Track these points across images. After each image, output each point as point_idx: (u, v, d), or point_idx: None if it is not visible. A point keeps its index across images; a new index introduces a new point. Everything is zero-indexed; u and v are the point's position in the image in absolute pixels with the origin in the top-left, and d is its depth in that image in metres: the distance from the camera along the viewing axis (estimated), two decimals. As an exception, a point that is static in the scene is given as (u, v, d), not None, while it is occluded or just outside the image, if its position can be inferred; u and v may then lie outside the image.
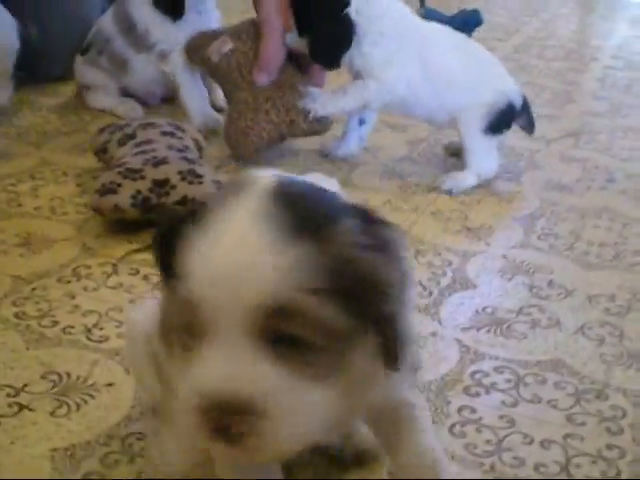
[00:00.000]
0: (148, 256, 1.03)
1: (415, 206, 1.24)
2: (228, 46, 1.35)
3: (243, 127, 1.28)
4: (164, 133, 1.20)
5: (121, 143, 1.19)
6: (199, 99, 1.45)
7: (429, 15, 2.26)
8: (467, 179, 1.30)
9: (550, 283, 1.05)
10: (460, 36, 1.34)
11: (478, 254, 1.11)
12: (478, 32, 2.29)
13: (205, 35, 1.39)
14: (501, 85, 1.31)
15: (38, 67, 1.68)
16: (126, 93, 1.57)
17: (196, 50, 1.39)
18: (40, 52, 1.64)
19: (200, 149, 1.24)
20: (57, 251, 1.05)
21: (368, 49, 1.26)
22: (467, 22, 2.27)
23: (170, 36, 1.47)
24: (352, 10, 1.24)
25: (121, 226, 1.10)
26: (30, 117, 1.51)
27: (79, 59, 1.54)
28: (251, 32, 1.35)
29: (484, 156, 1.32)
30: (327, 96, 1.30)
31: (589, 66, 2.18)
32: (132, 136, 1.19)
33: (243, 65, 1.33)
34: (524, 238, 1.17)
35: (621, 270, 1.09)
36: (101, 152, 1.22)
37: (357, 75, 1.29)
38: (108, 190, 1.06)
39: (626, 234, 1.19)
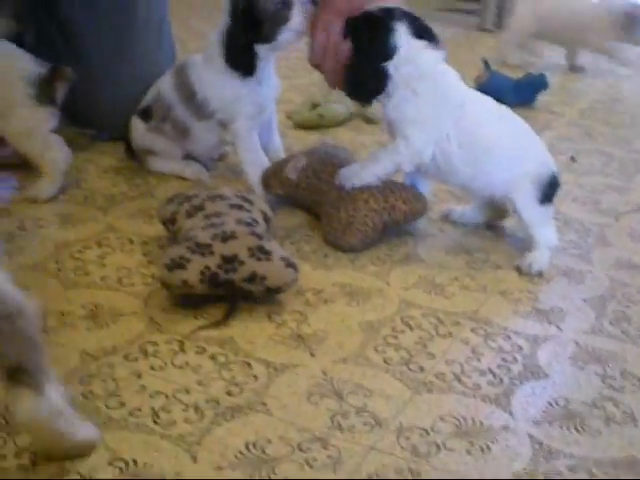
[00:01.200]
0: (215, 333, 1.02)
1: (484, 285, 1.22)
2: (303, 161, 1.36)
3: (345, 218, 1.28)
4: (232, 206, 1.20)
5: (189, 215, 1.19)
6: (260, 168, 1.45)
7: (494, 78, 2.26)
8: (543, 255, 1.28)
9: (624, 373, 1.02)
10: (501, 107, 1.32)
11: (549, 339, 1.09)
12: (543, 95, 2.28)
13: (279, 161, 1.44)
14: (543, 156, 1.31)
15: (107, 126, 1.69)
16: (189, 156, 1.57)
17: (273, 177, 1.41)
18: (109, 111, 1.66)
19: (267, 221, 1.24)
20: (124, 325, 1.05)
21: (399, 103, 1.26)
22: (533, 86, 2.26)
23: (229, 105, 1.47)
24: (392, 65, 1.24)
25: (188, 300, 1.09)
26: (96, 180, 1.52)
27: (140, 125, 1.54)
28: (321, 149, 1.42)
29: (548, 226, 1.31)
30: (359, 166, 1.31)
31: (659, 133, 2.15)
32: (200, 208, 1.19)
33: (321, 171, 1.37)
34: (595, 322, 1.14)
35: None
36: (169, 222, 1.22)
37: (389, 125, 1.30)
38: (177, 265, 1.06)
39: (702, 321, 1.16)
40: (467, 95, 1.29)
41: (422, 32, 1.24)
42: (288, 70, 2.52)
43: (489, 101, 1.32)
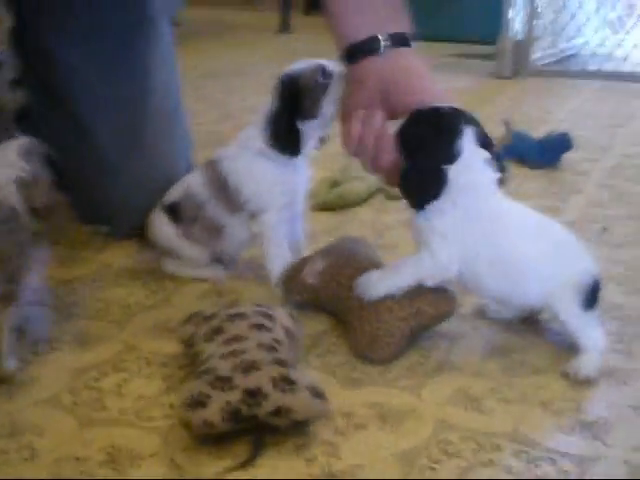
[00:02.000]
0: (242, 476, 0.96)
1: (523, 394, 1.15)
2: (320, 264, 1.31)
3: (369, 330, 1.22)
4: (253, 326, 1.14)
5: (208, 338, 1.13)
6: (283, 265, 1.39)
7: (517, 139, 2.20)
8: (592, 359, 1.20)
9: (682, 499, 0.95)
10: (537, 218, 1.26)
11: (597, 460, 1.02)
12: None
13: (296, 264, 1.38)
14: (582, 264, 1.23)
15: (121, 222, 1.65)
16: (212, 256, 1.51)
17: (292, 281, 1.36)
18: (123, 206, 1.61)
19: (291, 336, 1.18)
20: (144, 470, 0.99)
21: (434, 213, 1.19)
22: (557, 146, 2.20)
23: (262, 194, 1.42)
24: (453, 170, 1.17)
25: (210, 436, 1.03)
26: (111, 286, 1.47)
27: (168, 225, 1.48)
28: (339, 247, 1.36)
29: (594, 331, 1.23)
30: (378, 276, 1.24)
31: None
32: (219, 330, 1.14)
33: (339, 274, 1.31)
34: (647, 435, 1.06)
35: None
36: (188, 346, 1.17)
37: (415, 232, 1.23)
38: (196, 403, 1.00)
39: None
40: (505, 211, 1.22)
41: (485, 141, 1.18)
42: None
43: (526, 213, 1.26)
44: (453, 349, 1.27)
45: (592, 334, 1.22)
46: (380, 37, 1.26)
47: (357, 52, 1.27)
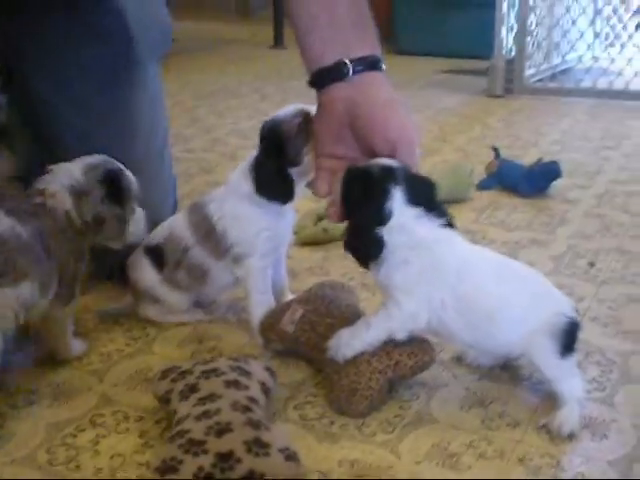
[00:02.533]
0: None
1: (500, 450, 1.14)
2: (299, 313, 1.31)
3: (347, 384, 1.21)
4: (228, 384, 1.13)
5: (183, 396, 1.13)
6: (265, 310, 1.39)
7: (506, 167, 2.20)
8: (573, 413, 1.19)
9: None
10: (500, 260, 1.26)
11: (576, 523, 1.01)
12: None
13: (274, 312, 1.37)
14: (555, 306, 1.21)
15: (105, 265, 1.64)
16: (192, 301, 1.51)
17: (270, 330, 1.36)
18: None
19: (267, 392, 1.17)
20: (116, 538, 0.98)
21: (389, 271, 1.19)
22: (546, 174, 2.20)
23: (249, 238, 1.41)
24: (387, 230, 1.16)
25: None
26: (93, 333, 1.46)
27: (150, 271, 1.47)
28: (318, 294, 1.35)
29: (573, 379, 1.22)
30: (349, 334, 1.23)
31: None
32: (194, 388, 1.13)
33: (318, 324, 1.31)
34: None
35: None
36: (163, 402, 1.17)
37: (381, 288, 1.24)
38: (169, 468, 0.99)
39: None
40: (465, 259, 1.21)
41: (420, 198, 1.17)
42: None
43: (491, 259, 1.25)
44: (432, 399, 1.27)
45: (571, 383, 1.21)
46: (347, 62, 1.22)
47: (324, 77, 1.23)
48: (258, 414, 1.09)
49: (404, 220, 1.16)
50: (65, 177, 1.31)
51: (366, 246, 1.18)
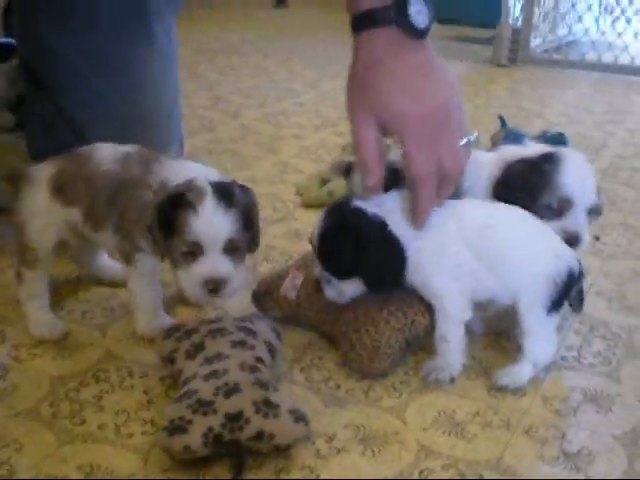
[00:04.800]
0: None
1: (507, 420, 1.14)
2: (300, 278, 1.28)
3: (369, 342, 1.20)
4: (234, 344, 1.12)
5: (189, 355, 1.12)
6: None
7: (511, 137, 2.17)
8: (523, 372, 1.20)
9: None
10: (508, 209, 1.25)
11: (581, 495, 1.01)
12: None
13: (269, 279, 1.35)
14: (557, 250, 1.20)
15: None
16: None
17: (268, 297, 1.34)
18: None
19: (273, 352, 1.16)
20: (122, 494, 0.97)
21: (417, 279, 1.23)
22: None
23: None
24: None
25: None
26: (95, 286, 1.45)
27: None
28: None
29: (543, 339, 1.21)
30: (441, 360, 1.23)
31: (685, 196, 2.06)
32: (200, 347, 1.12)
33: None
34: (628, 468, 1.05)
35: None
36: (168, 361, 1.15)
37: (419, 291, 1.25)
38: (177, 428, 0.99)
39: None
40: (468, 215, 1.22)
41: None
42: (298, 129, 2.46)
43: (498, 209, 1.25)
44: (438, 367, 1.26)
45: (539, 344, 1.21)
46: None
47: (361, 23, 1.16)
48: (266, 374, 1.09)
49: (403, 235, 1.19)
50: None
51: (389, 276, 1.21)
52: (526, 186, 1.28)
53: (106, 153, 1.25)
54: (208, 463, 1.02)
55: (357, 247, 1.17)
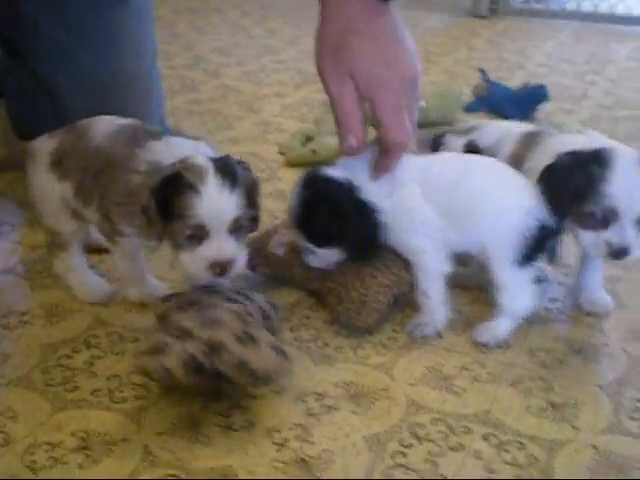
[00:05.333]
0: (215, 463, 0.97)
1: (494, 373, 1.16)
2: (287, 236, 1.29)
3: (357, 297, 1.21)
4: (229, 300, 1.12)
5: (182, 309, 1.11)
6: None
7: (493, 89, 2.18)
8: (501, 327, 1.22)
9: (647, 485, 0.96)
10: (479, 159, 1.27)
11: (566, 444, 1.03)
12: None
13: (258, 238, 1.35)
14: (528, 205, 1.18)
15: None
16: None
17: (257, 255, 1.34)
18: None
19: (267, 318, 1.17)
20: (118, 459, 0.99)
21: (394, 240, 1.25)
22: (532, 98, 2.18)
23: None
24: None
25: (183, 419, 1.04)
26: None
27: None
28: None
29: (517, 293, 1.21)
30: (425, 315, 1.25)
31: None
32: (194, 302, 1.12)
33: None
34: (613, 417, 1.08)
35: None
36: (162, 319, 1.16)
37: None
38: (155, 349, 1.00)
39: None
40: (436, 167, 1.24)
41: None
42: (279, 87, 2.45)
43: (469, 160, 1.26)
44: (425, 322, 1.27)
45: (516, 297, 1.21)
46: None
47: None
48: (254, 322, 1.09)
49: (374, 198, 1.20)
50: None
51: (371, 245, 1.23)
52: (569, 188, 1.18)
53: (100, 127, 1.23)
54: (201, 426, 1.04)
55: (333, 217, 1.18)
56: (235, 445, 1.01)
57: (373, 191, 1.20)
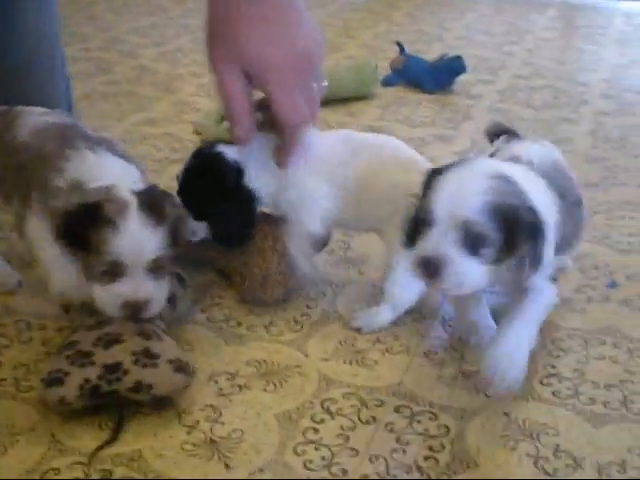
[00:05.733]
0: (122, 449, 0.95)
1: (407, 345, 1.16)
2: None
3: (259, 273, 1.20)
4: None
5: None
6: None
7: (410, 62, 2.18)
8: (380, 314, 1.19)
9: (556, 450, 0.97)
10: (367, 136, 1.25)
11: (479, 413, 1.03)
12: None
13: None
14: (412, 177, 1.11)
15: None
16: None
17: None
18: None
19: (182, 281, 1.17)
20: (23, 448, 0.97)
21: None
22: (450, 69, 2.19)
23: None
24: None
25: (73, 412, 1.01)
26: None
27: None
28: None
29: (405, 283, 1.16)
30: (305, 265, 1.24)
31: (580, 112, 2.09)
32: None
33: None
34: (526, 383, 1.08)
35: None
36: (66, 310, 1.14)
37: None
38: (54, 380, 0.98)
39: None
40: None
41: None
42: (195, 66, 2.42)
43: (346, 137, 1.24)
44: (338, 297, 1.27)
45: (400, 286, 1.18)
46: None
47: None
48: (156, 322, 1.07)
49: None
50: None
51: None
52: None
53: (27, 122, 1.17)
54: (105, 413, 1.01)
55: (209, 192, 1.16)
56: (145, 430, 0.99)
57: (259, 180, 1.18)
